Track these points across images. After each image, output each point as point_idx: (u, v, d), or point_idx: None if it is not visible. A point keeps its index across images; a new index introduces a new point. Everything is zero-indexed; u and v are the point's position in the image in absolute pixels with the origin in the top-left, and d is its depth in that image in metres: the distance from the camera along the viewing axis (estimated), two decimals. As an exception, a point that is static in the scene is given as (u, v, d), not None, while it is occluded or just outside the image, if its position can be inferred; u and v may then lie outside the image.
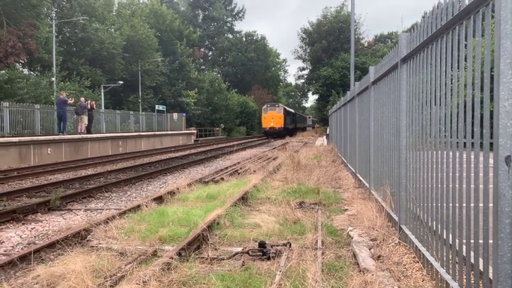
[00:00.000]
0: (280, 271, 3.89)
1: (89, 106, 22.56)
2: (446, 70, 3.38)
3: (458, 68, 3.15)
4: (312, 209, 6.95)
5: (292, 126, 55.02)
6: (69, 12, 36.40)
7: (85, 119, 22.09)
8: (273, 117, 45.35)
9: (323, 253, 4.48)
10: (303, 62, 60.07)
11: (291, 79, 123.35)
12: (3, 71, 27.43)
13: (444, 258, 3.34)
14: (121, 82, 38.09)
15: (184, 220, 5.99)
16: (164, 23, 49.36)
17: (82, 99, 22.57)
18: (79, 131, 21.83)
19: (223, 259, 4.43)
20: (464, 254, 2.93)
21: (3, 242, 5.78)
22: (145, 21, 45.18)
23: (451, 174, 3.27)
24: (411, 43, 4.37)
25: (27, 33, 28.25)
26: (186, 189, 8.83)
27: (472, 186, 2.83)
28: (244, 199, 7.57)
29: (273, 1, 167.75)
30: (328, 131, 30.19)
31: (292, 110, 59.63)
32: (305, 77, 61.24)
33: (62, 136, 19.47)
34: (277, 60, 77.53)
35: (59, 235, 5.48)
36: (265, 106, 48.06)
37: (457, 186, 3.14)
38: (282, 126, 45.25)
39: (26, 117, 21.35)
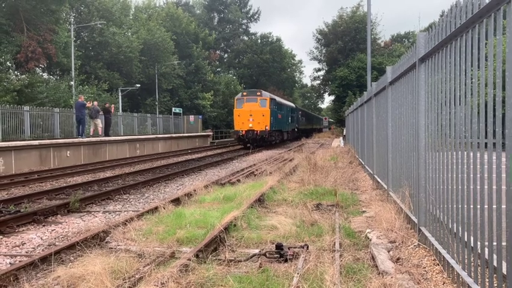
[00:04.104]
0: (297, 273, 3.86)
1: (98, 110, 22.81)
2: (466, 69, 3.32)
3: (479, 67, 3.09)
4: (329, 211, 6.90)
5: (291, 128, 37.27)
6: (87, 17, 37.02)
7: (99, 122, 22.40)
8: (251, 113, 27.39)
9: (340, 255, 4.44)
10: (318, 63, 59.67)
11: (306, 80, 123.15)
12: (23, 76, 28.03)
13: (466, 261, 3.28)
14: (138, 85, 38.55)
15: (201, 222, 6.01)
16: (180, 26, 49.76)
17: (95, 103, 22.86)
18: (92, 134, 22.06)
19: (241, 261, 4.43)
20: (487, 256, 2.87)
21: (25, 243, 5.88)
22: (162, 25, 45.64)
23: (471, 175, 3.21)
24: (430, 42, 4.30)
25: (46, 38, 28.82)
26: (203, 191, 8.87)
27: (494, 187, 2.77)
28: (260, 201, 7.56)
29: (295, 2, 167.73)
30: (344, 132, 29.98)
31: (291, 104, 40.81)
32: (321, 78, 60.87)
33: (81, 139, 19.76)
34: (292, 61, 77.38)
35: (78, 237, 5.56)
36: (239, 95, 29.66)
37: (478, 187, 3.07)
38: (267, 129, 27.52)
39: (46, 121, 21.74)
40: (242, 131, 27.68)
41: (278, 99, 32.71)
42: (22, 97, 25.78)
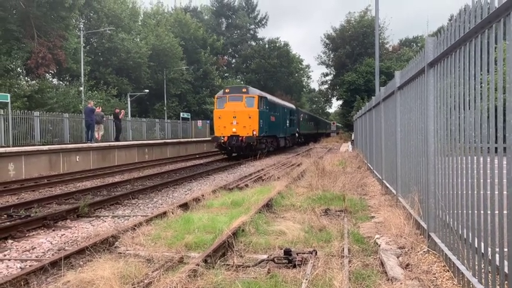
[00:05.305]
0: (306, 279, 3.85)
1: (103, 116, 22.90)
2: (475, 74, 3.31)
3: (488, 72, 3.07)
4: (338, 216, 6.87)
5: (289, 133, 31.93)
6: (96, 23, 37.40)
7: (101, 127, 22.49)
8: (235, 115, 22.06)
9: (349, 261, 4.42)
10: (326, 67, 59.80)
11: (314, 85, 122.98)
12: (34, 82, 28.36)
13: (476, 268, 3.25)
14: (147, 90, 38.82)
15: (209, 227, 6.02)
16: (189, 32, 50.07)
17: (99, 109, 22.95)
18: (97, 139, 22.12)
19: (249, 266, 4.42)
20: (498, 263, 2.84)
21: (35, 247, 5.93)
22: (170, 31, 45.95)
23: (481, 181, 3.18)
24: (438, 47, 4.29)
25: (56, 44, 29.16)
26: (211, 196, 8.88)
27: (505, 192, 2.75)
28: (268, 206, 7.55)
29: (303, 7, 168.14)
30: (353, 136, 29.89)
31: (290, 105, 34.74)
32: (329, 82, 60.93)
33: (90, 144, 19.90)
34: (300, 66, 77.41)
35: (87, 241, 5.59)
36: (220, 93, 23.86)
37: (488, 192, 3.05)
38: (255, 134, 22.03)
39: (56, 126, 21.95)
40: (223, 137, 21.93)
41: (271, 97, 26.96)
42: (32, 103, 26.08)
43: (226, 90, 23.37)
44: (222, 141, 21.93)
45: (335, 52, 54.89)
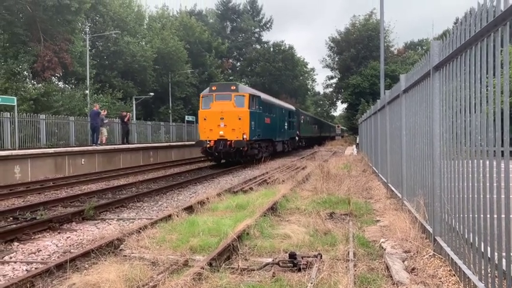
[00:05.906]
0: (311, 283, 3.84)
1: (105, 118, 22.96)
2: (481, 77, 3.30)
3: (494, 75, 3.06)
4: (343, 220, 6.86)
5: (288, 136, 28.98)
6: (102, 27, 37.65)
7: (104, 131, 22.56)
8: (222, 116, 19.38)
9: (354, 265, 4.41)
10: (331, 70, 59.67)
11: (319, 88, 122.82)
12: (40, 85, 28.55)
13: (483, 272, 3.23)
14: (152, 94, 38.96)
15: (214, 230, 6.02)
16: (194, 35, 50.24)
17: (104, 112, 23.00)
18: (104, 142, 22.16)
19: (254, 270, 4.42)
20: (504, 267, 2.82)
21: (41, 250, 5.95)
22: (175, 34, 46.13)
23: (487, 184, 3.17)
24: (444, 51, 4.28)
25: (62, 48, 29.35)
26: (216, 199, 8.88)
27: (511, 196, 2.73)
28: (273, 209, 7.54)
29: (310, 9, 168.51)
30: (358, 140, 29.82)
31: (289, 106, 31.74)
32: (333, 85, 60.80)
33: (95, 147, 19.98)
34: (305, 69, 77.40)
35: (93, 244, 5.60)
36: (206, 91, 20.84)
37: (495, 196, 3.04)
38: (246, 138, 19.34)
39: (61, 129, 22.07)
40: (209, 141, 19.13)
41: (265, 96, 23.81)
42: (38, 106, 26.24)
43: (213, 88, 20.38)
44: (208, 145, 19.19)
45: (339, 55, 54.80)
